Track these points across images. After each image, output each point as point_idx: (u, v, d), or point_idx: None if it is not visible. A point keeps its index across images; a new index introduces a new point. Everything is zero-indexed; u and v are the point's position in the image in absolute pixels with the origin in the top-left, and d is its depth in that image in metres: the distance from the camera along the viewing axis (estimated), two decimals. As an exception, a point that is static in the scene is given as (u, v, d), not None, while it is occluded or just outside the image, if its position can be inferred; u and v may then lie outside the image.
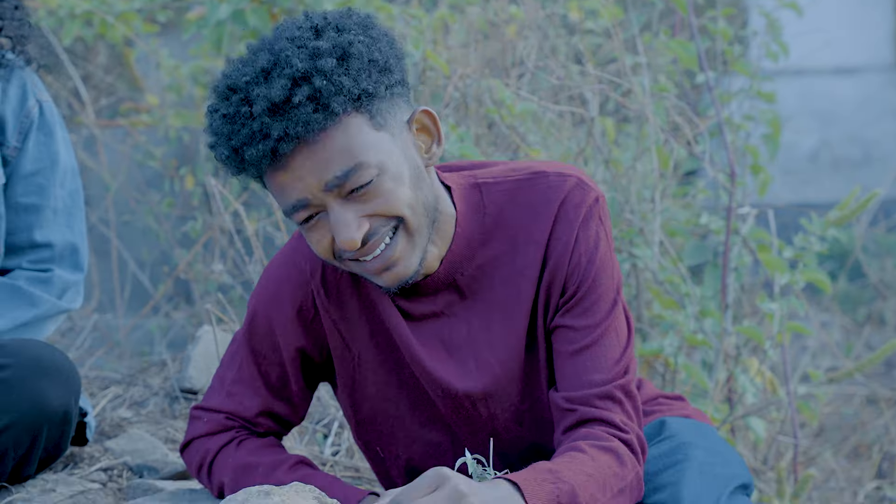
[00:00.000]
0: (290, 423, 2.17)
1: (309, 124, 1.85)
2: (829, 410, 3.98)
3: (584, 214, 2.03)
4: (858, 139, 6.53)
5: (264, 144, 1.86)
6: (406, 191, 1.92)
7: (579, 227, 2.03)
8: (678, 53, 3.41)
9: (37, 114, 2.52)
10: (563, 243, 2.03)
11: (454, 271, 2.05)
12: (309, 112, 1.85)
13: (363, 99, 1.89)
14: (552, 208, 2.03)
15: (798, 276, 3.10)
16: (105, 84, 5.06)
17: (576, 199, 2.03)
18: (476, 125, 3.40)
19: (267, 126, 1.85)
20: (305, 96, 1.85)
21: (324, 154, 1.87)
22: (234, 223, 3.92)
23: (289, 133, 1.85)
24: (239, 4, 3.51)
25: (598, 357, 2.02)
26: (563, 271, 2.03)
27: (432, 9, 3.70)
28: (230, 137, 1.88)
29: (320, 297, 2.08)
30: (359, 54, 1.89)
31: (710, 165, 3.32)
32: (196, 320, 4.07)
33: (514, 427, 2.11)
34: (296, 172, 1.88)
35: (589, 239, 2.03)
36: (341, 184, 1.88)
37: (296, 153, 1.87)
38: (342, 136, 1.88)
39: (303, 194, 1.89)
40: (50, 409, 2.30)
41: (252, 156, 1.87)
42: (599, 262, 2.03)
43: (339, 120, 1.87)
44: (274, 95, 1.85)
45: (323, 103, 1.86)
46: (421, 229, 1.96)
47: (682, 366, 3.14)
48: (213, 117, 1.91)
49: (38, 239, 2.52)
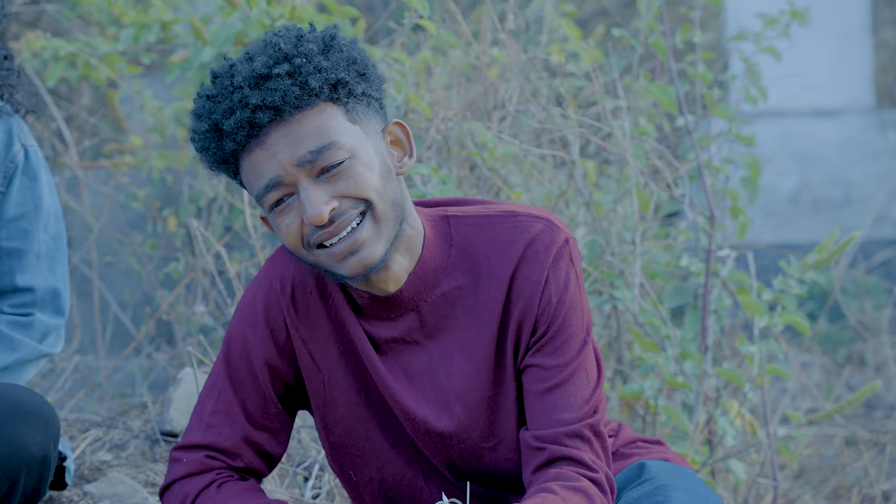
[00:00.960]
0: (270, 455, 2.17)
1: (286, 96, 1.95)
2: (809, 452, 3.99)
3: (555, 255, 2.06)
4: (839, 181, 6.57)
5: (242, 113, 1.95)
6: (375, 178, 1.99)
7: (549, 267, 2.05)
8: (658, 97, 3.44)
9: (22, 158, 2.53)
10: (534, 283, 2.05)
11: (418, 296, 2.07)
12: (287, 85, 1.95)
13: (340, 89, 1.99)
14: (518, 247, 2.06)
15: (777, 319, 3.12)
16: (89, 125, 5.07)
17: (545, 239, 2.06)
18: (458, 168, 3.42)
19: (246, 97, 1.95)
20: (285, 71, 1.95)
21: (299, 131, 1.97)
22: (216, 264, 3.93)
23: (266, 102, 1.95)
24: (223, 47, 3.53)
25: (568, 396, 2.04)
26: (533, 311, 2.05)
27: (415, 51, 3.73)
28: (211, 113, 1.98)
29: (290, 315, 2.11)
30: (340, 48, 2.00)
31: (690, 208, 3.35)
32: (178, 361, 4.07)
33: (473, 461, 2.12)
34: (270, 149, 1.97)
35: (559, 279, 2.05)
36: (314, 159, 1.96)
37: (272, 129, 1.96)
38: (318, 118, 1.97)
39: (276, 171, 1.97)
40: (29, 455, 2.30)
41: (230, 126, 1.95)
42: (569, 302, 2.05)
43: (315, 104, 1.97)
44: (256, 70, 1.96)
45: (301, 80, 1.96)
46: (388, 219, 2.00)
47: (662, 408, 3.15)
48: (197, 101, 2.01)
49: (19, 283, 2.52)
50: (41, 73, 4.10)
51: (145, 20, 3.76)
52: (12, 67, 2.56)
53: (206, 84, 2.02)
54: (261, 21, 3.48)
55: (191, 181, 4.24)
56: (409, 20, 3.27)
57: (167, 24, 3.77)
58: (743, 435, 3.34)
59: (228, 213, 4.14)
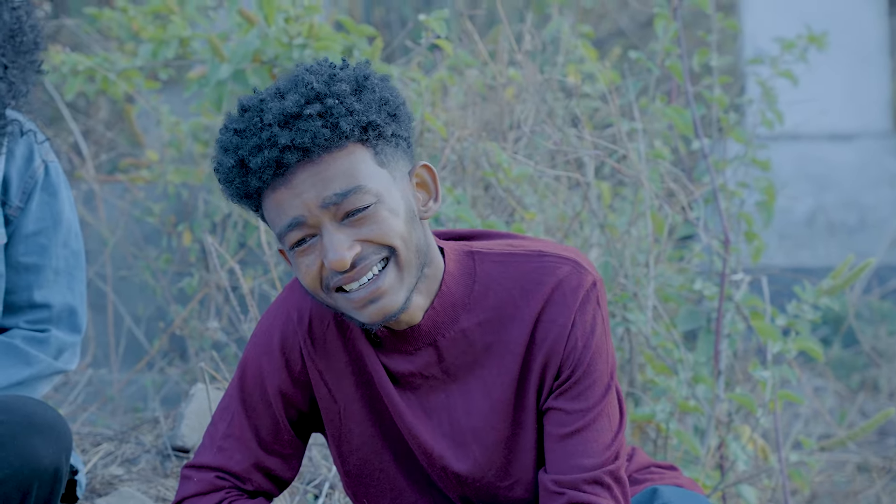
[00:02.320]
0: (281, 479, 2.16)
1: (316, 138, 1.91)
2: (821, 479, 3.97)
3: (582, 298, 2.03)
4: (854, 205, 6.56)
5: (270, 152, 1.91)
6: (401, 224, 1.96)
7: (577, 311, 2.03)
8: (674, 120, 3.44)
9: (42, 174, 2.53)
10: (560, 326, 2.03)
11: (436, 330, 2.05)
12: (318, 126, 1.91)
13: (370, 131, 1.95)
14: (545, 289, 2.04)
15: (791, 344, 3.11)
16: (106, 139, 5.09)
17: (573, 282, 2.04)
18: (472, 187, 3.42)
19: (275, 136, 1.91)
20: (316, 112, 1.91)
21: (326, 173, 1.92)
22: (230, 280, 3.94)
23: (295, 143, 1.91)
24: (240, 64, 3.54)
25: (589, 441, 2.02)
26: (559, 355, 2.03)
27: (431, 71, 3.73)
28: (238, 148, 1.94)
29: (307, 346, 2.10)
30: (373, 89, 1.96)
31: (705, 231, 3.34)
32: (190, 377, 4.07)
33: (488, 498, 2.11)
34: (296, 189, 1.93)
35: (586, 323, 2.03)
36: (339, 202, 1.93)
37: (298, 169, 1.92)
38: (346, 161, 1.93)
39: (300, 211, 1.93)
40: (41, 467, 2.30)
41: (256, 164, 1.92)
42: (595, 347, 2.03)
43: (345, 146, 1.93)
44: (286, 108, 1.92)
45: (332, 122, 1.92)
46: (410, 266, 1.97)
47: (673, 432, 3.14)
48: (224, 133, 1.97)
49: (37, 299, 2.52)
50: (60, 87, 4.12)
51: (164, 36, 3.78)
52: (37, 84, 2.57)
53: (233, 115, 1.98)
54: (278, 39, 3.50)
55: (206, 196, 4.26)
56: (427, 39, 3.28)
57: (185, 41, 3.78)
58: (755, 460, 3.33)
59: (243, 229, 4.15)
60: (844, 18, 6.46)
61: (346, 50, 3.52)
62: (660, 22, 3.45)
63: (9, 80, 2.48)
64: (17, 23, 2.50)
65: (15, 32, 2.49)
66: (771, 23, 6.05)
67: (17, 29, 2.50)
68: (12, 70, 2.49)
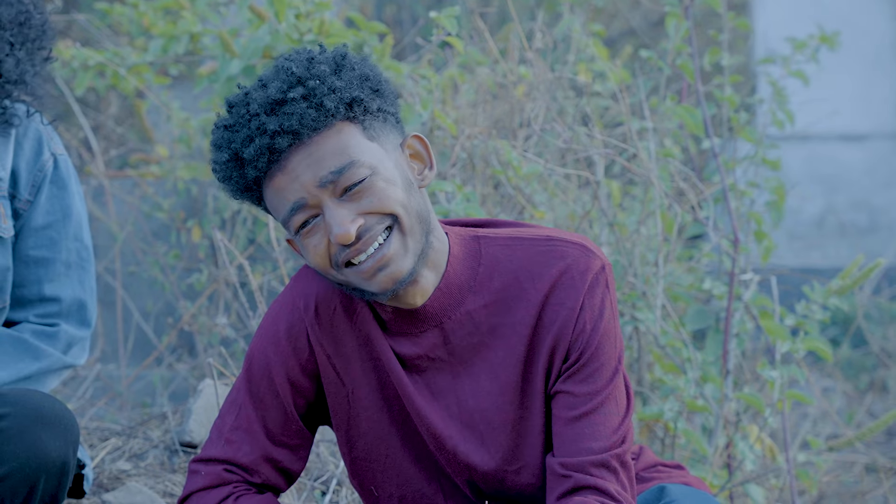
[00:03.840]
0: (289, 471, 2.17)
1: (303, 119, 1.96)
2: (829, 479, 3.96)
3: (591, 281, 2.04)
4: (864, 205, 6.55)
5: (261, 140, 1.96)
6: (399, 191, 2.00)
7: (585, 294, 2.04)
8: (684, 119, 3.43)
9: (51, 167, 2.53)
10: (568, 308, 2.04)
11: (442, 312, 2.07)
12: (303, 108, 1.96)
13: (355, 107, 2.00)
14: (552, 271, 2.05)
15: (799, 344, 3.11)
16: (116, 135, 5.09)
17: (582, 265, 2.05)
18: (482, 185, 3.42)
19: (263, 124, 1.96)
20: (300, 95, 1.97)
21: (318, 153, 1.97)
22: (238, 276, 3.94)
23: (284, 127, 1.95)
24: (250, 60, 3.54)
25: (597, 425, 2.03)
26: (567, 337, 2.04)
27: (442, 68, 3.73)
28: (231, 143, 1.99)
29: (314, 332, 2.11)
30: (352, 67, 2.01)
31: (714, 231, 3.34)
32: (198, 372, 4.08)
33: (495, 482, 2.12)
34: (292, 173, 1.97)
35: (595, 306, 2.04)
36: (335, 180, 1.97)
37: (291, 153, 1.97)
38: (336, 139, 1.98)
39: (299, 194, 1.98)
40: (48, 460, 2.30)
41: (250, 154, 1.96)
42: (603, 330, 2.04)
43: (332, 124, 1.98)
44: (271, 96, 1.97)
45: (317, 102, 1.97)
46: (414, 232, 2.01)
47: (681, 431, 3.14)
48: (216, 132, 2.02)
49: (46, 293, 2.52)
50: (70, 82, 4.12)
51: (174, 31, 3.79)
52: (46, 76, 2.57)
53: (222, 115, 2.03)
54: (289, 35, 3.50)
55: (215, 192, 4.26)
56: (437, 37, 3.28)
57: (196, 36, 3.79)
58: (762, 460, 3.32)
59: (252, 225, 4.15)
60: (856, 20, 6.45)
61: (357, 46, 3.52)
62: (671, 21, 3.45)
63: (16, 56, 2.48)
64: (25, 5, 2.50)
65: (22, 14, 2.49)
66: (783, 23, 6.04)
67: (25, 11, 2.50)
68: (18, 49, 2.48)
